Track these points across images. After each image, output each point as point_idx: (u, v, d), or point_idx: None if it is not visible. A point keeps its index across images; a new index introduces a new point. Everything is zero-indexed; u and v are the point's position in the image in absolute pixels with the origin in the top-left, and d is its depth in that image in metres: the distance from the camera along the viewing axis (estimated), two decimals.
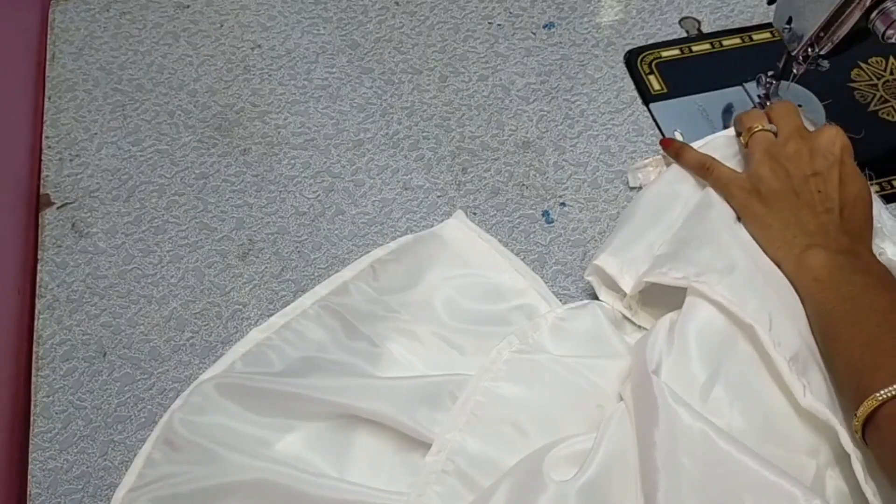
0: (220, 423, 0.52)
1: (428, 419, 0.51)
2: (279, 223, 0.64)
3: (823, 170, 0.55)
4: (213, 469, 0.50)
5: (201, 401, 0.53)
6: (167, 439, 0.52)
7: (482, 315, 0.58)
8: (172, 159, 0.68)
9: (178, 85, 0.73)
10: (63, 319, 0.59)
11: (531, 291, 0.59)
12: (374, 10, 0.78)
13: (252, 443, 0.52)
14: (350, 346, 0.56)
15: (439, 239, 0.62)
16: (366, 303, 0.58)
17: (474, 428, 0.51)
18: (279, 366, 0.55)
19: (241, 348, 0.57)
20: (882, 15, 0.55)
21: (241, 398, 0.53)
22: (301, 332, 0.57)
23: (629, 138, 0.69)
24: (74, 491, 0.53)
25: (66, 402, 0.56)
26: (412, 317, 0.58)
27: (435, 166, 0.68)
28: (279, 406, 0.53)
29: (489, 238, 0.62)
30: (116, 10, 0.78)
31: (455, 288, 0.59)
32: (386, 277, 0.59)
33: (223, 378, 0.54)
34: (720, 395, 0.49)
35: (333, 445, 0.53)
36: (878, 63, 0.72)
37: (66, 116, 0.71)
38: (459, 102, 0.72)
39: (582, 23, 0.77)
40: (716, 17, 0.78)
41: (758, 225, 0.56)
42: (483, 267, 0.61)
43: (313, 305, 0.58)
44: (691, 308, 0.52)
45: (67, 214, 0.65)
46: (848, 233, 0.54)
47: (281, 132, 0.70)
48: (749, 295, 0.51)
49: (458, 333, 0.57)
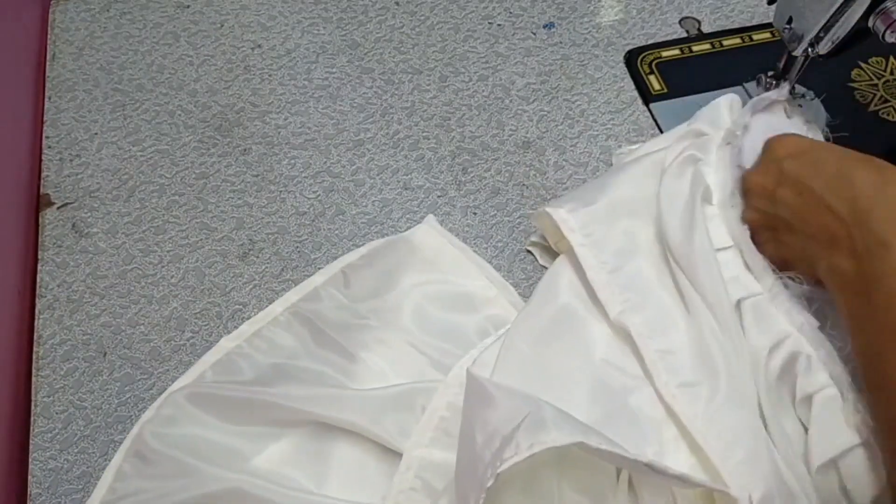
0: (192, 434, 0.51)
1: (399, 429, 0.51)
2: (279, 223, 0.64)
3: (783, 176, 0.50)
4: (186, 481, 0.49)
5: (172, 412, 0.52)
6: (138, 452, 0.51)
7: (451, 324, 0.58)
8: (172, 159, 0.68)
9: (179, 85, 0.73)
10: (63, 319, 0.59)
11: (501, 300, 0.59)
12: (374, 10, 0.78)
13: (226, 454, 0.51)
14: (320, 353, 0.56)
15: (410, 244, 0.61)
16: (336, 309, 0.58)
17: (441, 443, 0.50)
18: (250, 374, 0.55)
19: (211, 357, 0.56)
20: (882, 15, 0.55)
21: (214, 408, 0.52)
22: (271, 340, 0.57)
23: (629, 138, 0.69)
24: (74, 491, 0.53)
25: (66, 402, 0.56)
26: (382, 324, 0.57)
27: (435, 166, 0.68)
28: (252, 415, 0.52)
29: (460, 244, 0.62)
30: (116, 10, 0.78)
31: (425, 295, 0.59)
32: (357, 283, 0.59)
33: (194, 388, 0.53)
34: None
35: (312, 456, 0.52)
36: (878, 63, 0.72)
37: (66, 116, 0.71)
38: (459, 102, 0.72)
39: (582, 23, 0.77)
40: (716, 17, 0.78)
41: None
42: (453, 273, 0.60)
43: (284, 312, 0.58)
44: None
45: (67, 214, 0.65)
46: (858, 211, 0.45)
47: (281, 132, 0.70)
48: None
49: (428, 343, 0.57)
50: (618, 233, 0.56)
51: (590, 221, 0.56)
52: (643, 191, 0.58)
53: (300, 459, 0.52)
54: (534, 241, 0.62)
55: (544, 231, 0.61)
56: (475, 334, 0.57)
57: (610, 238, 0.56)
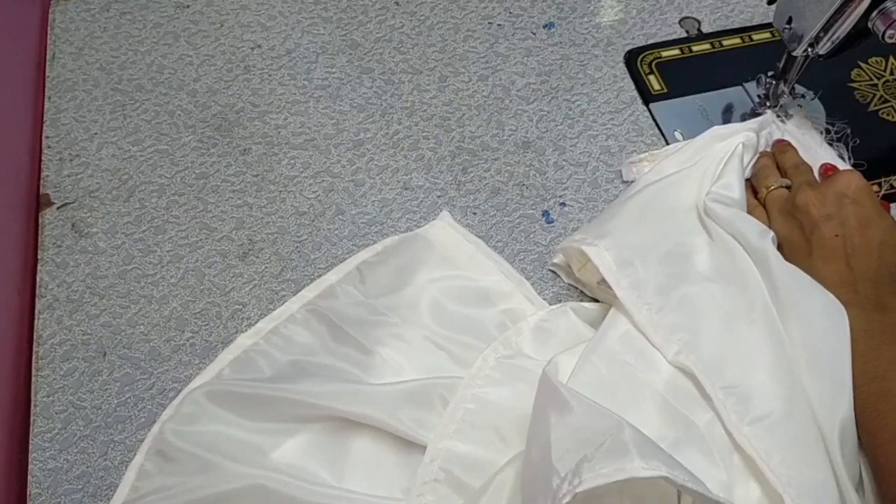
0: (213, 431, 0.52)
1: (418, 421, 0.51)
2: (279, 223, 0.64)
3: (835, 213, 0.52)
4: (208, 478, 0.49)
5: (192, 410, 0.52)
6: (159, 450, 0.52)
7: (469, 319, 0.58)
8: (172, 159, 0.68)
9: (178, 85, 0.73)
10: (63, 319, 0.59)
11: (518, 295, 0.59)
12: (374, 10, 0.78)
13: (247, 450, 0.51)
14: (338, 350, 0.56)
15: (425, 241, 0.62)
16: (353, 306, 0.58)
17: (465, 435, 0.51)
18: (268, 371, 0.55)
19: (229, 355, 0.56)
20: (882, 15, 0.55)
21: (233, 405, 0.53)
22: (289, 337, 0.57)
23: (629, 138, 0.69)
24: (74, 491, 0.53)
25: (66, 402, 0.56)
26: (400, 320, 0.58)
27: (435, 166, 0.68)
28: (272, 411, 0.53)
29: (475, 240, 0.62)
30: (116, 10, 0.78)
31: (442, 290, 0.59)
32: (372, 280, 0.59)
33: (213, 385, 0.54)
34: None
35: (331, 450, 0.52)
36: (878, 63, 0.72)
37: (66, 116, 0.71)
38: (459, 102, 0.72)
39: (582, 23, 0.77)
40: (716, 17, 0.78)
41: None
42: (469, 269, 0.61)
43: (300, 309, 0.58)
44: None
45: (67, 214, 0.65)
46: (877, 282, 0.49)
47: (281, 132, 0.70)
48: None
49: (446, 338, 0.57)
50: (658, 261, 0.55)
51: (631, 259, 0.55)
52: (676, 211, 0.57)
53: (319, 454, 0.52)
54: (556, 263, 0.62)
55: (568, 257, 0.60)
56: (494, 328, 0.57)
57: (651, 271, 0.55)
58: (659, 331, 0.52)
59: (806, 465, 0.45)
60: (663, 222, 0.58)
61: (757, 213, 0.58)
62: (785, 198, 0.57)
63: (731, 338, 0.51)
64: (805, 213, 0.53)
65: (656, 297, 0.53)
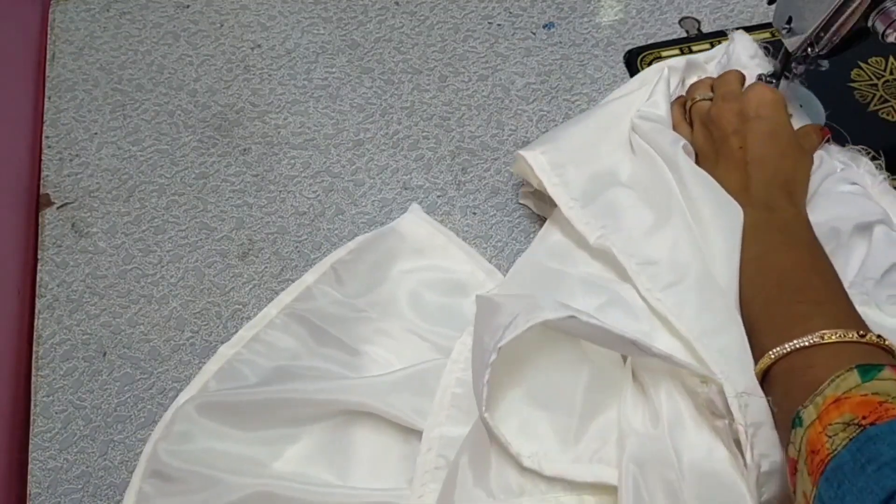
0: (209, 448, 0.51)
1: (417, 409, 0.52)
2: (279, 223, 0.65)
3: (742, 127, 0.57)
4: (212, 492, 0.49)
5: (185, 427, 0.52)
6: (155, 471, 0.51)
7: (448, 308, 0.58)
8: (172, 159, 0.68)
9: (178, 85, 0.73)
10: (63, 319, 0.59)
11: (490, 285, 0.60)
12: (374, 10, 0.78)
13: (247, 463, 0.51)
14: (322, 351, 0.56)
15: (397, 234, 0.62)
16: (332, 305, 0.58)
17: (457, 419, 0.51)
18: (254, 379, 0.55)
19: (212, 366, 0.56)
20: (882, 15, 0.55)
21: (226, 416, 0.52)
22: (270, 343, 0.57)
23: None
24: (74, 491, 0.53)
25: (65, 402, 0.56)
26: (381, 315, 0.58)
27: (435, 166, 0.68)
28: (266, 416, 0.52)
29: (446, 231, 0.63)
30: (116, 10, 0.78)
31: (419, 282, 0.60)
32: (349, 277, 0.59)
33: (202, 398, 0.53)
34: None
35: (333, 451, 0.52)
36: (878, 63, 0.72)
37: (66, 116, 0.71)
38: (459, 102, 0.72)
39: (582, 23, 0.77)
40: (716, 17, 0.78)
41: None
42: (442, 259, 0.61)
43: (279, 314, 0.58)
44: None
45: (67, 214, 0.65)
46: (771, 186, 0.55)
47: (281, 132, 0.70)
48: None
49: (428, 329, 0.57)
50: (590, 169, 0.60)
51: (563, 161, 0.60)
52: (613, 128, 0.62)
53: (321, 457, 0.52)
54: (525, 192, 0.65)
55: (525, 176, 0.62)
56: (472, 316, 0.57)
57: (581, 175, 0.60)
58: (583, 219, 0.57)
59: (716, 325, 0.50)
60: (601, 139, 0.62)
61: (681, 129, 0.63)
62: (705, 108, 0.61)
63: (646, 226, 0.56)
64: (717, 126, 0.59)
65: (582, 196, 0.59)
